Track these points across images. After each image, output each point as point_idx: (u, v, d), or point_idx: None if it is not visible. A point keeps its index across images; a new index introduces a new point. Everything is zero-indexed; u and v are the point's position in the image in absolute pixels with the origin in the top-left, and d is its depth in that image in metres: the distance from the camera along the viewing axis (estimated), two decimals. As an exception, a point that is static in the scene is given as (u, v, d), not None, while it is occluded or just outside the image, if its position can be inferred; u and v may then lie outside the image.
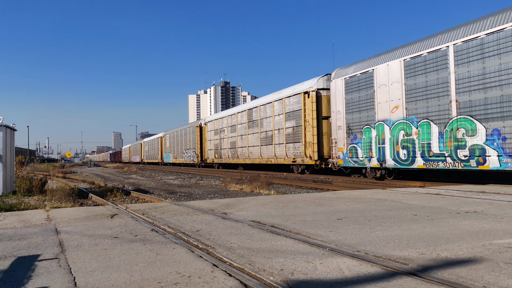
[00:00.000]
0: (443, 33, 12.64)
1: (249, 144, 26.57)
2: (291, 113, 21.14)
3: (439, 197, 8.43)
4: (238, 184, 14.02)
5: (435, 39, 12.74)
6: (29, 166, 36.07)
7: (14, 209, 8.24)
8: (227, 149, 30.67)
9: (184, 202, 9.26)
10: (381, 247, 4.10)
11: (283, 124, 21.99)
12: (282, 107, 22.18)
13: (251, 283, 3.07)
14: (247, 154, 26.92)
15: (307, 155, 19.59)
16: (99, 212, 7.34)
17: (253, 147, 25.98)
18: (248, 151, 26.70)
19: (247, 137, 26.89)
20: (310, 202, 8.01)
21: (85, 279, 3.28)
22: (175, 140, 46.63)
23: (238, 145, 28.57)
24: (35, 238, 5.01)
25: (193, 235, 4.93)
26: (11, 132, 12.51)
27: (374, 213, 6.42)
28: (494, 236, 4.53)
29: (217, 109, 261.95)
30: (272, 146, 23.31)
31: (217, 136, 32.88)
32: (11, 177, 12.47)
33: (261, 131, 24.86)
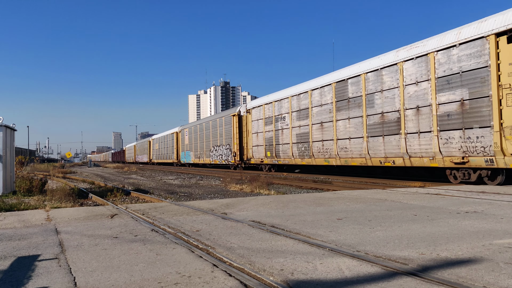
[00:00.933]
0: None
1: (338, 136, 17.24)
2: (457, 75, 12.05)
3: (439, 197, 8.43)
4: (238, 184, 14.02)
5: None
6: (29, 166, 36.07)
7: (14, 209, 8.24)
8: (290, 144, 21.16)
9: (184, 202, 9.26)
10: (381, 247, 4.10)
11: (432, 97, 12.87)
12: (428, 68, 13.08)
13: (251, 283, 3.07)
14: (333, 150, 17.55)
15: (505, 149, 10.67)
16: (99, 212, 7.34)
17: (349, 139, 16.63)
18: (337, 147, 17.27)
19: (334, 124, 17.52)
20: (310, 202, 8.01)
21: (85, 279, 3.28)
22: (198, 135, 37.74)
23: (313, 137, 19.09)
24: (35, 238, 5.01)
25: (193, 235, 4.93)
26: (11, 132, 12.51)
27: (374, 213, 6.42)
28: (494, 236, 4.53)
29: (217, 109, 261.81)
30: (397, 137, 14.18)
31: (270, 127, 23.40)
32: (11, 177, 12.47)
33: (368, 114, 15.63)
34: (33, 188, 12.39)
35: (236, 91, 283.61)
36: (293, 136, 21.03)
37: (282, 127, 22.15)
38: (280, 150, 22.25)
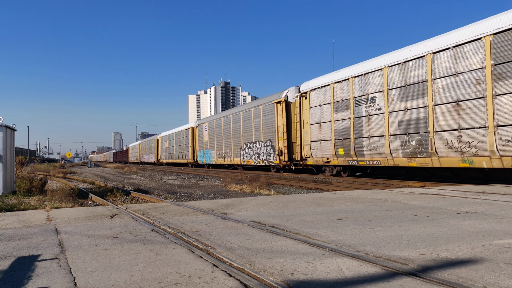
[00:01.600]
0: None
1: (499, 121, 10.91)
2: None
3: (439, 197, 8.43)
4: (238, 184, 14.02)
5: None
6: (29, 166, 36.06)
7: (14, 209, 8.24)
8: (385, 136, 14.55)
9: (184, 202, 9.26)
10: (381, 248, 4.10)
11: None
12: None
13: (251, 283, 3.07)
14: (485, 143, 11.22)
15: None
16: (99, 212, 7.34)
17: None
18: (497, 138, 10.91)
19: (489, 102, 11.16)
20: (310, 202, 8.01)
21: (85, 279, 3.28)
22: (223, 130, 31.39)
23: (437, 124, 12.73)
24: (35, 238, 5.01)
25: (193, 235, 4.93)
26: (11, 132, 12.51)
27: (374, 213, 6.42)
28: (494, 236, 4.53)
29: (217, 110, 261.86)
30: None
31: (345, 114, 16.69)
32: (11, 177, 12.47)
33: None
34: (33, 188, 12.40)
35: (236, 91, 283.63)
36: (392, 125, 14.20)
37: (368, 113, 15.32)
38: (365, 145, 15.46)
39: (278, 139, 22.39)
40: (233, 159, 29.41)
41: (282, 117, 21.99)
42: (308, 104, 19.51)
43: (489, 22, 11.41)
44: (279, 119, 22.35)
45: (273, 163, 23.07)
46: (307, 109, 19.60)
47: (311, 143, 19.19)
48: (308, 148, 19.44)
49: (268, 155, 23.70)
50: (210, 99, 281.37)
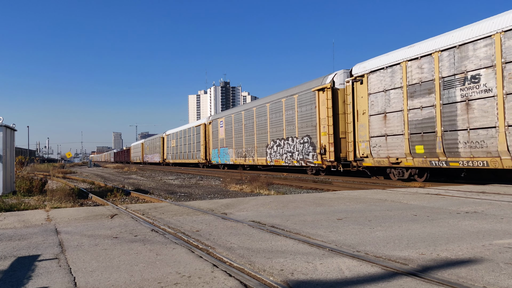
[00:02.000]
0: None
1: None
2: None
3: (439, 197, 8.43)
4: (238, 184, 14.02)
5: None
6: (29, 166, 36.06)
7: (14, 209, 8.24)
8: (498, 129, 10.74)
9: (184, 202, 9.26)
10: (381, 247, 4.10)
11: None
12: None
13: (251, 283, 3.07)
14: None
15: None
16: (99, 212, 7.34)
17: None
18: None
19: None
20: (310, 202, 8.01)
21: (85, 279, 3.28)
22: (244, 126, 27.04)
23: None
24: (35, 238, 5.01)
25: (193, 235, 4.93)
26: (11, 132, 12.51)
27: (374, 213, 6.42)
28: (494, 236, 4.53)
29: (217, 109, 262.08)
30: None
31: (425, 100, 12.86)
32: (11, 177, 12.47)
33: None
34: (33, 188, 12.40)
35: (236, 91, 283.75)
36: (510, 111, 10.48)
37: (467, 97, 11.49)
38: (460, 141, 11.69)
39: (320, 135, 18.22)
40: (256, 158, 24.92)
41: (327, 108, 17.53)
42: (365, 90, 15.21)
43: None
44: (322, 110, 18.03)
45: (313, 163, 18.86)
46: (363, 96, 15.33)
47: (370, 139, 14.89)
48: (365, 145, 15.17)
49: (306, 154, 19.36)
50: (210, 99, 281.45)
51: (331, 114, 17.60)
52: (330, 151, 17.54)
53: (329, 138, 17.64)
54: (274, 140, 22.92)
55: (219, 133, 32.03)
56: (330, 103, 17.65)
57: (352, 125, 16.15)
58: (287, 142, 21.42)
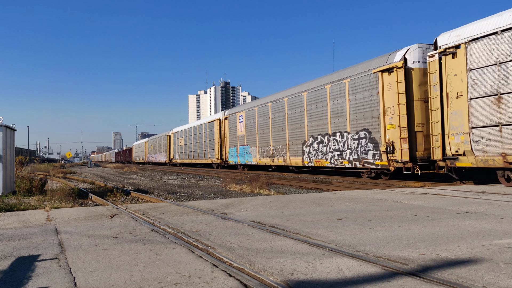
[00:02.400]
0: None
1: None
2: None
3: (439, 197, 8.43)
4: (238, 184, 14.02)
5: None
6: (29, 166, 36.08)
7: (14, 209, 8.24)
8: None
9: (184, 202, 9.26)
10: (381, 247, 4.10)
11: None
12: None
13: (251, 283, 3.07)
14: None
15: None
16: (99, 212, 7.34)
17: None
18: None
19: None
20: (310, 202, 8.01)
21: (85, 279, 3.28)
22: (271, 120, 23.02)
23: None
24: (35, 238, 5.01)
25: (193, 235, 4.93)
26: (11, 132, 12.51)
27: (374, 213, 6.42)
28: (494, 236, 4.53)
29: (217, 109, 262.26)
30: None
31: None
32: (11, 177, 12.47)
33: None
34: (33, 188, 12.40)
35: (236, 91, 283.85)
36: None
37: None
38: None
39: (385, 128, 14.21)
40: (289, 158, 20.91)
41: (397, 93, 13.67)
42: (462, 65, 11.79)
43: None
44: (389, 97, 14.07)
45: (373, 164, 14.85)
46: (458, 74, 11.89)
47: (471, 130, 11.44)
48: (462, 139, 11.81)
49: (363, 152, 15.43)
50: (210, 99, 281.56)
51: (404, 101, 13.52)
52: (403, 149, 13.48)
53: (400, 132, 13.55)
54: (314, 136, 18.74)
55: (238, 129, 27.66)
56: (402, 87, 13.55)
57: (438, 113, 12.42)
58: (333, 138, 17.31)
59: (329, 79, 18.06)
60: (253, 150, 25.57)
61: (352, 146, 16.16)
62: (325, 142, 17.91)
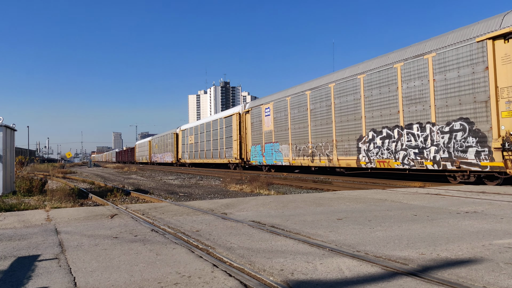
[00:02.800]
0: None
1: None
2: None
3: (439, 197, 8.43)
4: (238, 184, 14.02)
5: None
6: (29, 166, 36.07)
7: (14, 209, 8.24)
8: None
9: (184, 202, 9.26)
10: (381, 247, 4.10)
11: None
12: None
13: (251, 283, 3.07)
14: None
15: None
16: (99, 212, 7.34)
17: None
18: None
19: None
20: (310, 202, 8.01)
21: (85, 279, 3.28)
22: (308, 110, 19.37)
23: None
24: (35, 238, 5.01)
25: (193, 235, 4.93)
26: (11, 132, 12.51)
27: (374, 213, 6.42)
28: (494, 236, 4.53)
29: (217, 109, 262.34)
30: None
31: None
32: (11, 177, 12.47)
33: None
34: (33, 188, 12.40)
35: (236, 91, 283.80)
36: None
37: None
38: None
39: (498, 116, 10.75)
40: (336, 158, 17.31)
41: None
42: None
43: None
44: (507, 72, 10.61)
45: (477, 165, 11.31)
46: None
47: None
48: None
49: (459, 149, 11.91)
50: (210, 99, 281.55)
51: None
52: None
53: None
54: (375, 130, 15.18)
55: (264, 124, 23.73)
56: None
57: None
58: (407, 132, 13.74)
59: (399, 55, 14.35)
60: (284, 148, 21.49)
61: (439, 141, 12.59)
62: (394, 137, 14.27)
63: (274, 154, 22.59)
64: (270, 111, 23.27)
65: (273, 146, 22.82)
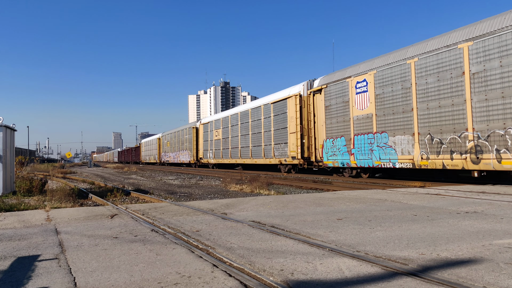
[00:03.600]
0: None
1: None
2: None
3: (439, 197, 8.43)
4: (238, 184, 14.02)
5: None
6: (29, 166, 36.06)
7: (14, 209, 8.24)
8: None
9: (184, 202, 9.26)
10: (381, 247, 4.10)
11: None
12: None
13: (251, 283, 3.07)
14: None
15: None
16: (99, 212, 7.34)
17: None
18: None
19: None
20: (310, 202, 8.00)
21: (85, 279, 3.28)
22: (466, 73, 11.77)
23: None
24: (35, 238, 5.01)
25: (193, 235, 4.93)
26: (11, 132, 12.51)
27: (374, 213, 6.42)
28: (494, 236, 4.53)
29: (217, 110, 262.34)
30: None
31: None
32: (11, 177, 12.47)
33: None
34: (33, 188, 12.40)
35: (236, 91, 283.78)
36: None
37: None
38: None
39: None
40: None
41: None
42: None
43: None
44: None
45: None
46: None
47: None
48: None
49: None
50: (210, 99, 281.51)
51: None
52: None
53: None
54: None
55: (353, 106, 16.33)
56: None
57: None
58: None
59: None
60: (402, 141, 14.10)
61: None
62: None
63: (377, 150, 14.96)
64: (366, 86, 15.76)
65: (374, 137, 15.26)
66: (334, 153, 17.70)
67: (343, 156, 17.12)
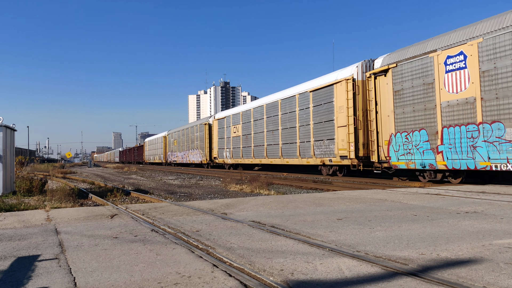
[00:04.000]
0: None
1: None
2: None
3: (439, 197, 8.43)
4: (238, 184, 14.02)
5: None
6: (29, 166, 36.07)
7: (14, 209, 8.24)
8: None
9: (184, 202, 9.26)
10: (381, 247, 4.10)
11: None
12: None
13: (251, 283, 3.07)
14: None
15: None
16: (99, 212, 7.34)
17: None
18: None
19: None
20: (310, 202, 8.00)
21: (85, 279, 3.28)
22: None
23: None
24: (35, 238, 5.01)
25: (193, 236, 4.93)
26: (11, 132, 12.51)
27: (374, 213, 6.42)
28: (494, 236, 4.53)
29: (217, 109, 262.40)
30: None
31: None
32: (11, 177, 12.47)
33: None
34: (33, 188, 12.40)
35: (236, 91, 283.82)
36: None
37: None
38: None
39: None
40: None
41: None
42: None
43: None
44: None
45: None
46: None
47: None
48: None
49: None
50: (210, 99, 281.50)
51: None
52: None
53: None
54: None
55: (443, 90, 12.33)
56: None
57: None
58: None
59: None
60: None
61: None
62: None
63: (485, 147, 11.05)
64: (464, 61, 11.79)
65: (479, 130, 11.26)
66: (409, 151, 13.53)
67: (423, 155, 12.98)
